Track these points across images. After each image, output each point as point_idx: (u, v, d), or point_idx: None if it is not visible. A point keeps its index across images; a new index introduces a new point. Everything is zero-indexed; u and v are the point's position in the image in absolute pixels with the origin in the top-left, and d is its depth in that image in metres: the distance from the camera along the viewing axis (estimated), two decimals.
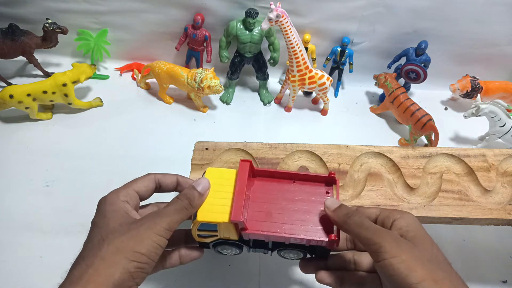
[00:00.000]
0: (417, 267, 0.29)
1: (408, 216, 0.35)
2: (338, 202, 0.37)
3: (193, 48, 0.83)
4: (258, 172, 0.42)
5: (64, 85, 0.72)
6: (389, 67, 0.85)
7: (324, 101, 0.81)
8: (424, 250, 0.32)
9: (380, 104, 0.83)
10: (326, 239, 0.37)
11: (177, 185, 0.41)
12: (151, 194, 0.40)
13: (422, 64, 0.80)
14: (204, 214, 0.37)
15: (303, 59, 0.74)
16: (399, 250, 0.30)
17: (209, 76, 0.73)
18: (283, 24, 0.69)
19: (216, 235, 0.39)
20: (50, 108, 0.76)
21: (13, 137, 0.71)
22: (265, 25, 0.70)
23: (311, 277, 0.54)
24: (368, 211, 0.38)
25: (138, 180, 0.39)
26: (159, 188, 0.40)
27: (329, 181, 0.41)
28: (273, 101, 0.85)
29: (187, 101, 0.82)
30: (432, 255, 0.31)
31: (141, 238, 0.32)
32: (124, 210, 0.35)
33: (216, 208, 0.37)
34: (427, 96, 0.88)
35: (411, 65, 0.80)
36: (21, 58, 0.80)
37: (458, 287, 0.30)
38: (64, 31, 0.78)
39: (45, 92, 0.71)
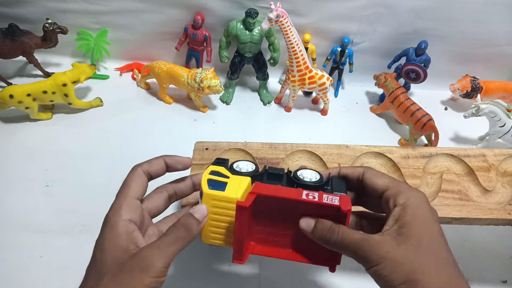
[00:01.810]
0: (398, 268, 0.30)
1: (409, 203, 0.33)
2: (312, 221, 0.35)
3: (193, 48, 0.83)
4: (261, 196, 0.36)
5: (64, 85, 0.72)
6: (389, 67, 0.85)
7: (324, 101, 0.81)
8: (412, 246, 0.31)
9: (380, 104, 0.83)
10: (327, 266, 0.36)
11: (167, 168, 0.39)
12: (146, 188, 0.38)
13: (422, 64, 0.80)
14: (208, 236, 0.37)
15: (303, 59, 0.74)
16: (381, 259, 0.31)
17: (209, 76, 0.73)
18: (283, 24, 0.69)
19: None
20: (50, 108, 0.76)
21: (13, 137, 0.71)
22: (265, 25, 0.70)
23: (311, 277, 0.55)
24: (376, 183, 0.36)
25: (131, 183, 0.36)
26: (150, 178, 0.38)
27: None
28: (273, 101, 0.85)
29: (187, 101, 0.82)
30: (419, 253, 0.31)
31: (132, 285, 0.31)
32: (125, 238, 0.33)
33: (219, 231, 0.36)
34: (427, 96, 0.88)
35: (411, 65, 0.80)
36: (21, 58, 0.80)
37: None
38: (64, 31, 0.78)
39: (45, 92, 0.71)
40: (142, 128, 0.75)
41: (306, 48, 0.81)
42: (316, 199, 0.33)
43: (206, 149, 0.54)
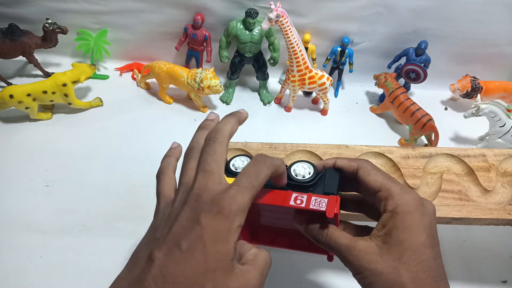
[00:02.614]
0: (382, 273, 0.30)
1: (398, 211, 0.32)
2: (303, 221, 0.35)
3: (193, 48, 0.83)
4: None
5: (64, 85, 0.72)
6: (389, 67, 0.85)
7: (324, 101, 0.81)
8: (395, 257, 0.31)
9: (380, 104, 0.83)
10: (325, 255, 0.38)
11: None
12: None
13: (422, 64, 0.80)
14: None
15: (303, 59, 0.74)
16: (362, 269, 0.31)
17: (209, 76, 0.73)
18: (283, 24, 0.69)
19: None
20: (50, 108, 0.76)
21: (13, 137, 0.71)
22: (265, 25, 0.70)
23: (311, 277, 0.55)
24: (369, 182, 0.34)
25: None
26: None
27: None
28: (273, 101, 0.85)
29: (187, 101, 0.82)
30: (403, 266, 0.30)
31: None
32: (233, 247, 0.27)
33: None
34: (427, 96, 0.88)
35: (411, 65, 0.80)
36: (21, 58, 0.80)
37: None
38: (64, 31, 0.78)
39: (45, 92, 0.71)
40: (142, 128, 0.75)
41: (306, 48, 0.81)
42: (304, 205, 0.34)
43: None
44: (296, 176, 0.37)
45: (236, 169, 0.39)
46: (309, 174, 0.37)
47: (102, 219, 0.59)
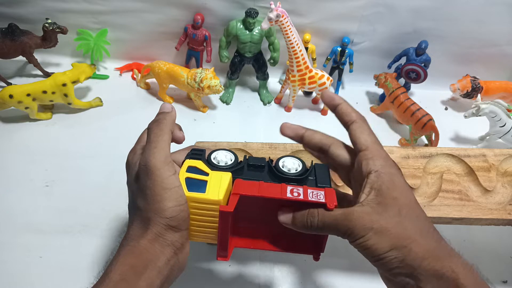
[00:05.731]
0: (383, 239, 0.30)
1: (385, 171, 0.33)
2: (290, 214, 0.35)
3: (193, 48, 0.83)
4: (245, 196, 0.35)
5: (64, 85, 0.72)
6: (389, 67, 0.85)
7: None
8: (394, 214, 0.31)
9: (380, 104, 0.83)
10: (311, 255, 0.37)
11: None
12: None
13: (423, 64, 0.80)
14: (190, 234, 0.36)
15: (303, 59, 0.74)
16: (365, 231, 0.31)
17: (209, 76, 0.73)
18: (283, 24, 0.69)
19: None
20: (50, 108, 0.76)
21: (13, 137, 0.71)
22: (265, 25, 0.70)
23: (311, 277, 0.55)
24: (360, 137, 0.38)
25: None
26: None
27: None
28: (273, 101, 0.85)
29: (187, 101, 0.82)
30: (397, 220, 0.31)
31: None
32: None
33: (202, 230, 0.36)
34: (427, 96, 0.88)
35: (411, 65, 0.80)
36: (21, 58, 0.80)
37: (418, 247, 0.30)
38: (63, 31, 0.78)
39: (44, 92, 0.71)
40: (142, 128, 0.74)
41: (306, 48, 0.81)
42: (301, 197, 0.33)
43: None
44: (285, 169, 0.37)
45: (219, 163, 0.38)
46: (299, 166, 0.37)
47: (102, 219, 0.59)
